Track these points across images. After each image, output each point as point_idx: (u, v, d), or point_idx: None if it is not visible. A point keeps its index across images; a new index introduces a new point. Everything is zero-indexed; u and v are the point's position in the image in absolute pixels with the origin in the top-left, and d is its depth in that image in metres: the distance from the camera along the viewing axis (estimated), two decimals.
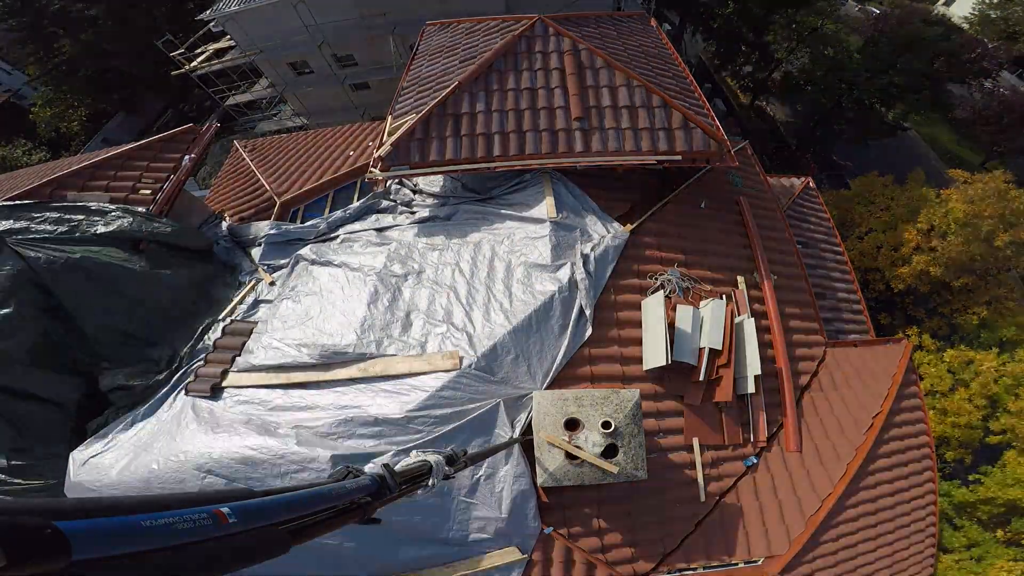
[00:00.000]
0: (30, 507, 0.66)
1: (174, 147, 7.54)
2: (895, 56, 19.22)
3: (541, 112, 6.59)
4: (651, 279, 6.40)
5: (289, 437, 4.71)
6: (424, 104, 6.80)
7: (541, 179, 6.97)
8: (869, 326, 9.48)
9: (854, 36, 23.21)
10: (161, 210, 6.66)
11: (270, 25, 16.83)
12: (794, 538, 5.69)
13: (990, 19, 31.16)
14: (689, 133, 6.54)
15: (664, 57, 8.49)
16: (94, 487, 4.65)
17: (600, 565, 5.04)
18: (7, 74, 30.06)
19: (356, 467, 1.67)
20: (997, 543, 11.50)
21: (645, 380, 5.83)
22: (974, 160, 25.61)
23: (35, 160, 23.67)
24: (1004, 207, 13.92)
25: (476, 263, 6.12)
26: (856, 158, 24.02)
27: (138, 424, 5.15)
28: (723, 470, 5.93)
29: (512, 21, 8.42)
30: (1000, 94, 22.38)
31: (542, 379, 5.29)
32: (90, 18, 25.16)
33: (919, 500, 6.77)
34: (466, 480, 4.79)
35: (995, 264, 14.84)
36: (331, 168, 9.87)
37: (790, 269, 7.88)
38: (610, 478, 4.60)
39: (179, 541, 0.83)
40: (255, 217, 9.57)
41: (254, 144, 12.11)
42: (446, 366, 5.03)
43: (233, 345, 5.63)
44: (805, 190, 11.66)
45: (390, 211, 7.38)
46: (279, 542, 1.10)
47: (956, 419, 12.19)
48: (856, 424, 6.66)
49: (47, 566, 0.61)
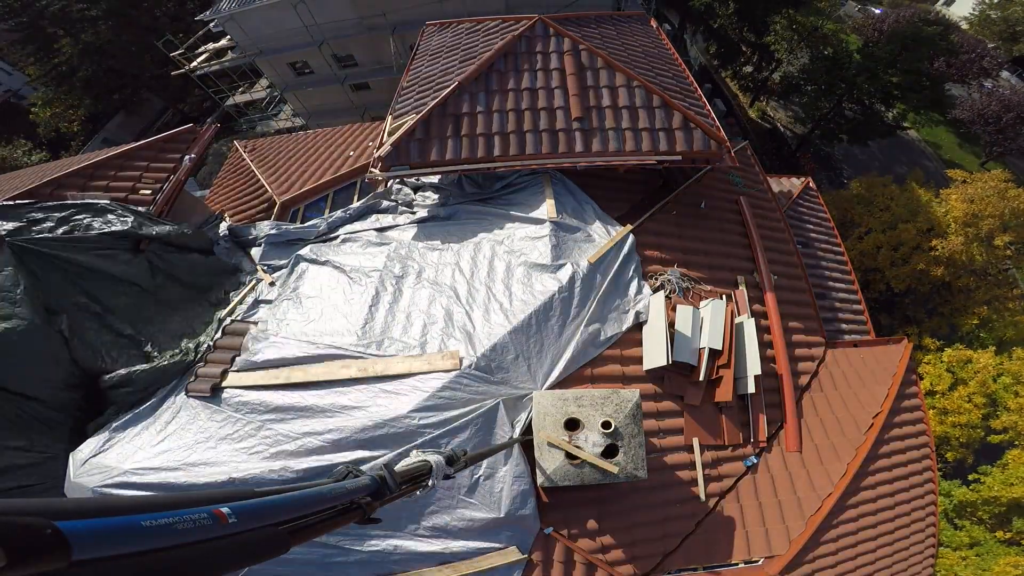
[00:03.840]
0: (30, 507, 0.66)
1: (174, 147, 7.54)
2: (895, 56, 19.24)
3: (541, 112, 6.59)
4: (651, 279, 6.41)
5: (290, 439, 4.72)
6: (424, 104, 6.80)
7: (541, 179, 6.98)
8: (869, 326, 9.48)
9: (854, 36, 23.23)
10: (161, 210, 6.66)
11: (270, 25, 16.84)
12: (794, 538, 5.69)
13: (990, 19, 31.22)
14: (689, 133, 6.54)
15: (664, 57, 8.50)
16: (94, 487, 4.65)
17: (600, 565, 5.04)
18: (7, 74, 30.08)
19: (356, 467, 1.67)
20: (998, 543, 11.51)
21: (645, 380, 5.83)
22: (973, 160, 25.63)
23: (35, 160, 23.68)
24: (1004, 207, 13.93)
25: (476, 263, 6.12)
26: (856, 158, 24.04)
27: (138, 424, 5.14)
28: (723, 470, 5.93)
29: (512, 21, 8.42)
30: (1000, 94, 22.39)
31: (542, 379, 5.30)
32: (90, 18, 25.18)
33: (919, 500, 6.78)
34: (466, 480, 4.79)
35: (995, 264, 14.84)
36: (331, 168, 9.88)
37: (790, 269, 7.88)
38: (610, 478, 4.60)
39: (179, 541, 0.83)
40: (255, 217, 9.58)
41: (254, 144, 12.12)
42: (446, 366, 5.03)
43: (233, 345, 5.63)
44: (805, 190, 11.66)
45: (390, 211, 7.38)
46: (279, 542, 1.10)
47: (956, 418, 12.20)
48: (856, 424, 6.66)
49: (47, 566, 0.61)
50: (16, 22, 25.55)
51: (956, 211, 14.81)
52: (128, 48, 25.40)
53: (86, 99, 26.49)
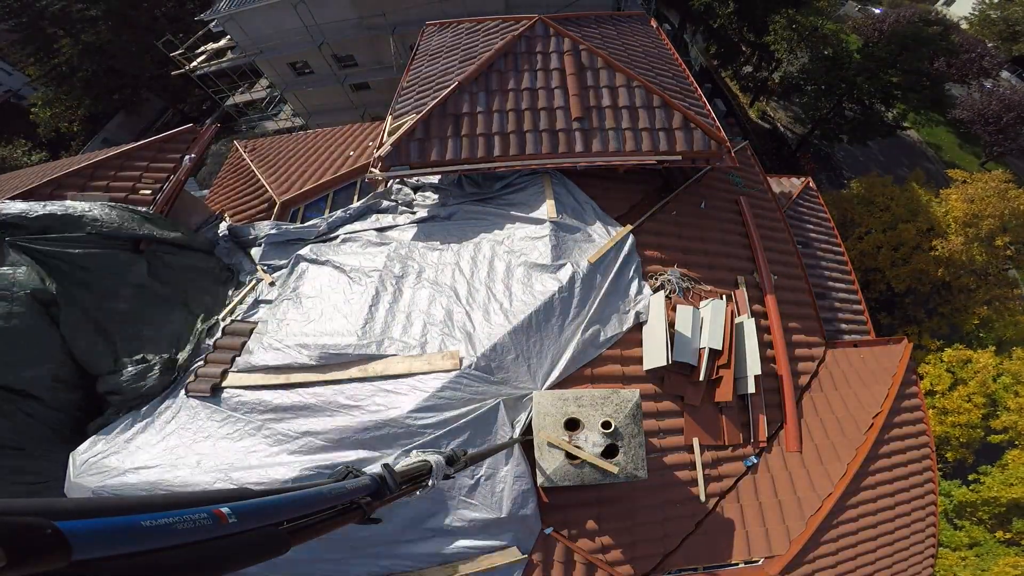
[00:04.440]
0: (30, 507, 0.66)
1: (174, 147, 7.53)
2: (895, 56, 19.23)
3: (541, 112, 6.59)
4: (651, 279, 6.41)
5: (290, 439, 4.72)
6: (424, 104, 6.80)
7: (541, 179, 6.98)
8: (869, 326, 9.48)
9: (854, 36, 23.22)
10: (161, 210, 6.66)
11: (270, 25, 16.84)
12: (794, 538, 5.69)
13: (990, 19, 31.22)
14: (689, 133, 6.54)
15: (664, 57, 8.50)
16: (94, 487, 4.65)
17: (600, 565, 5.04)
18: (7, 74, 30.08)
19: (356, 467, 1.68)
20: (998, 543, 11.51)
21: (645, 380, 5.82)
22: (973, 160, 25.63)
23: (35, 160, 23.68)
24: (1004, 207, 13.94)
25: (476, 263, 6.12)
26: (856, 158, 24.04)
27: (138, 424, 5.14)
28: (723, 470, 5.93)
29: (512, 21, 8.42)
30: (1000, 93, 22.40)
31: (542, 379, 5.29)
32: (90, 18, 25.18)
33: (919, 500, 6.78)
34: (467, 480, 4.78)
35: (995, 264, 14.85)
36: (331, 168, 9.88)
37: (790, 269, 7.88)
38: (610, 478, 4.59)
39: (179, 541, 0.83)
40: (255, 217, 9.59)
41: (254, 144, 12.12)
42: (446, 366, 5.03)
43: (233, 345, 5.63)
44: (805, 190, 11.66)
45: (390, 211, 7.37)
46: (279, 542, 1.10)
47: (956, 418, 12.20)
48: (856, 424, 6.66)
49: (47, 566, 0.61)
50: (16, 22, 25.55)
51: (956, 211, 14.82)
52: (128, 48, 25.40)
53: (86, 99, 26.49)
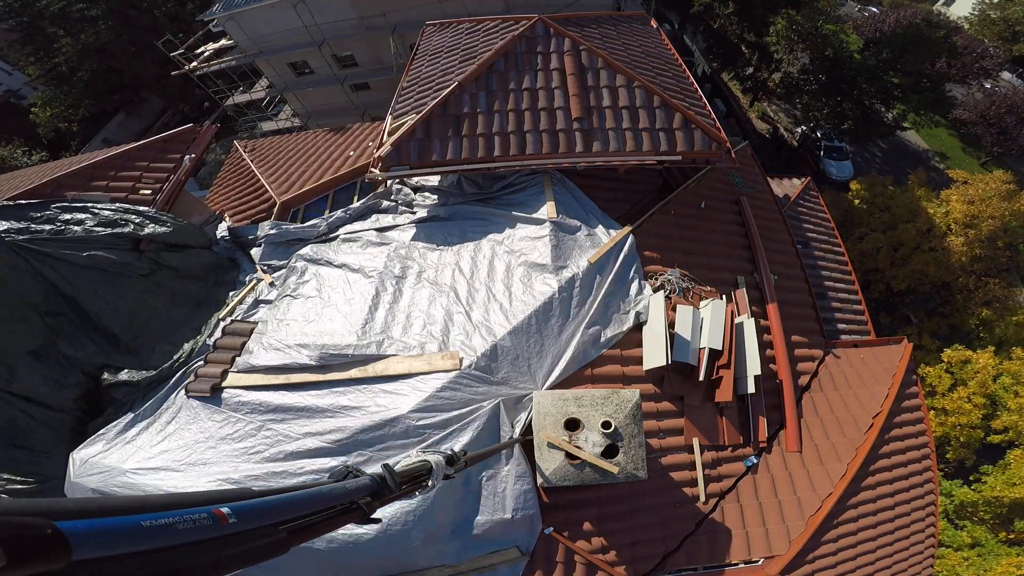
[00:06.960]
0: (30, 507, 0.66)
1: (174, 147, 7.54)
2: (895, 56, 19.22)
3: (541, 112, 6.59)
4: (651, 279, 6.41)
5: (290, 439, 4.72)
6: (424, 104, 6.80)
7: (541, 179, 6.98)
8: (869, 326, 9.48)
9: (854, 36, 23.21)
10: (161, 210, 6.66)
11: (270, 25, 16.83)
12: (794, 538, 5.69)
13: (990, 19, 31.21)
14: (689, 133, 6.54)
15: (664, 57, 8.50)
16: (94, 487, 4.65)
17: (600, 565, 5.04)
18: (7, 74, 30.07)
19: (356, 467, 1.68)
20: (999, 543, 11.49)
21: (645, 380, 5.83)
22: (973, 160, 25.62)
23: (35, 160, 23.65)
24: (1004, 208, 13.95)
25: (476, 263, 6.12)
26: (856, 159, 24.02)
27: (138, 424, 5.14)
28: (723, 470, 5.93)
29: (512, 21, 8.42)
30: (1000, 94, 22.40)
31: (542, 379, 5.29)
32: (90, 18, 25.16)
33: (919, 500, 6.78)
34: (468, 480, 4.78)
35: (995, 264, 14.85)
36: (331, 168, 9.88)
37: (790, 269, 7.88)
38: (610, 478, 4.59)
39: (179, 541, 0.83)
40: (255, 217, 9.58)
41: (254, 144, 12.12)
42: (446, 366, 5.03)
43: (233, 345, 5.62)
44: (805, 190, 11.67)
45: (390, 211, 7.38)
46: (279, 542, 1.10)
47: (956, 418, 12.20)
48: (856, 424, 6.66)
49: (47, 566, 0.61)
50: (16, 22, 25.53)
51: (956, 212, 14.83)
52: (128, 48, 25.37)
53: (86, 99, 26.45)
